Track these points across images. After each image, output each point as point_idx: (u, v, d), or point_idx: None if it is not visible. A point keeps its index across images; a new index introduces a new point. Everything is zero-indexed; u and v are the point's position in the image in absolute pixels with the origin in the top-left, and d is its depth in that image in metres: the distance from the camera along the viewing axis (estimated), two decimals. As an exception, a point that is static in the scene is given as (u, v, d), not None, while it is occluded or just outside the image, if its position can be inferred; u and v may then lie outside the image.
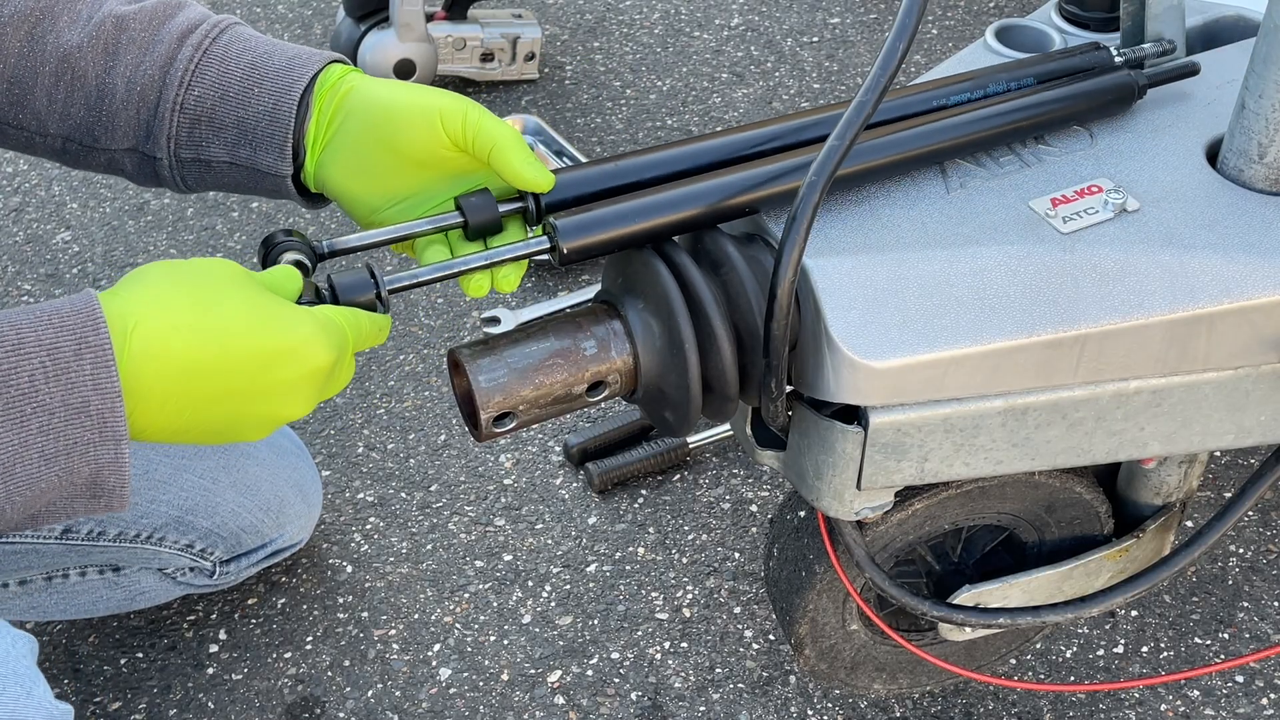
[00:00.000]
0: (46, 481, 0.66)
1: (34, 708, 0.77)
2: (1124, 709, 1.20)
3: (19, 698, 0.76)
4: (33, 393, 0.64)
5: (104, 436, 0.66)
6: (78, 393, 0.64)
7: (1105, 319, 0.80)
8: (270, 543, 1.24)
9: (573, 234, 0.78)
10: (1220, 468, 1.42)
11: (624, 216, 0.80)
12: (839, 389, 0.80)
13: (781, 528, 1.12)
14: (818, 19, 2.23)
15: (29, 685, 0.77)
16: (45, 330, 0.65)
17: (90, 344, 0.65)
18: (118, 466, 0.67)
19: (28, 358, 0.64)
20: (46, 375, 0.64)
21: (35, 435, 0.64)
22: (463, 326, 1.63)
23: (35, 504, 0.67)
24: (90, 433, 0.65)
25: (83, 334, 0.65)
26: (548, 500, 1.41)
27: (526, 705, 1.22)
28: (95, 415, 0.65)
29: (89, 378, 0.65)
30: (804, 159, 0.83)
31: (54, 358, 0.64)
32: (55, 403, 0.64)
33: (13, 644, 0.78)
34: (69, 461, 0.66)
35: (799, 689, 1.22)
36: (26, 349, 0.64)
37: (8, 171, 1.93)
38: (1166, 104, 0.93)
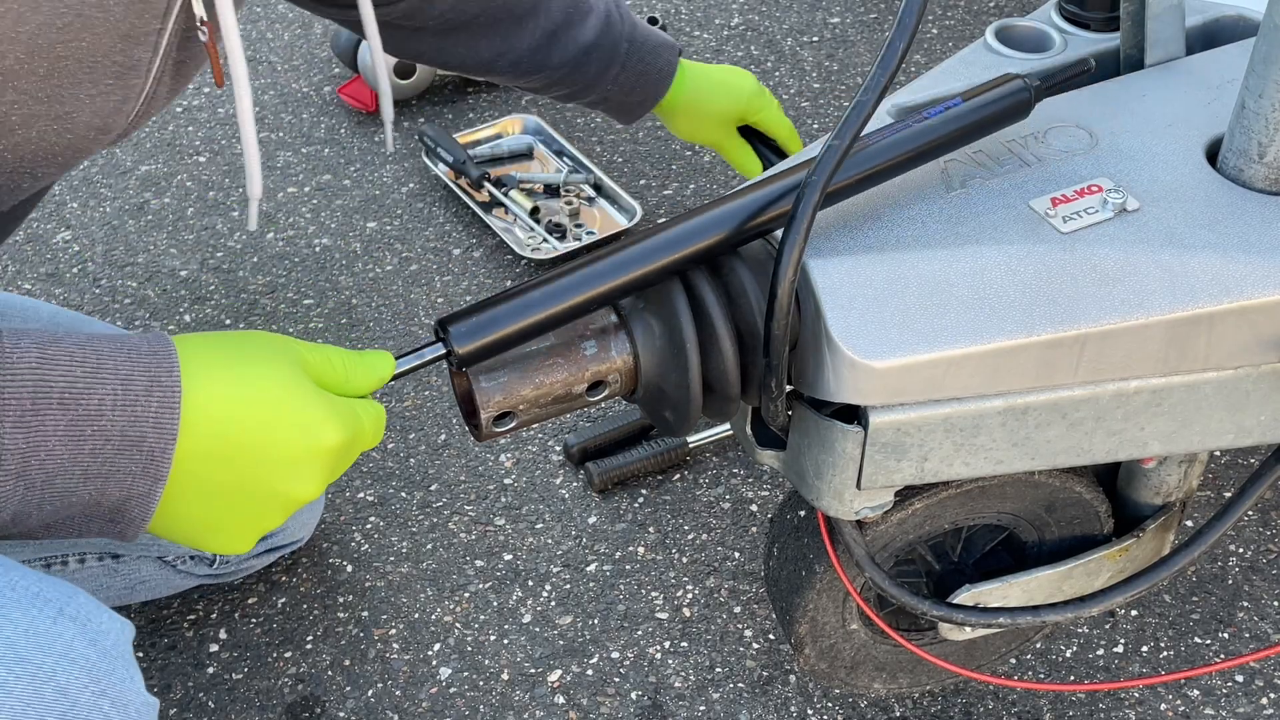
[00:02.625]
0: (78, 498, 0.68)
1: (135, 693, 0.78)
2: (1124, 708, 1.20)
3: (125, 680, 0.77)
4: (98, 416, 0.66)
5: (147, 472, 0.69)
6: (138, 427, 0.68)
7: (1105, 319, 0.81)
8: (271, 536, 1.24)
9: (468, 337, 0.76)
10: (1220, 468, 1.42)
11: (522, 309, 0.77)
12: (839, 389, 0.81)
13: (781, 527, 1.12)
14: (818, 19, 2.23)
15: (132, 670, 0.79)
16: (123, 361, 0.68)
17: (162, 384, 0.68)
18: (147, 500, 0.70)
19: (103, 382, 0.67)
20: (115, 403, 0.67)
21: (86, 455, 0.67)
22: (463, 326, 1.63)
23: (58, 515, 0.69)
24: (136, 465, 0.68)
25: (157, 374, 0.68)
26: (548, 500, 1.42)
27: (526, 705, 1.22)
28: (147, 451, 0.68)
29: (153, 415, 0.68)
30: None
31: (126, 388, 0.67)
32: (115, 431, 0.67)
33: (121, 628, 0.79)
34: (105, 485, 0.68)
35: (799, 688, 1.22)
36: (104, 374, 0.67)
37: (8, 171, 1.93)
38: (1166, 104, 0.93)
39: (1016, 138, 0.91)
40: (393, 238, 1.77)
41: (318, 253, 1.75)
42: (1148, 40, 0.97)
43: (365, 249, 1.76)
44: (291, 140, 1.97)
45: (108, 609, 0.79)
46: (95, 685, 0.74)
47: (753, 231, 0.81)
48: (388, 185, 1.87)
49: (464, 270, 1.71)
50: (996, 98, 0.87)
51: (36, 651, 0.73)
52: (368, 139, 1.97)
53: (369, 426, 0.77)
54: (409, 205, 1.83)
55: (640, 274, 0.79)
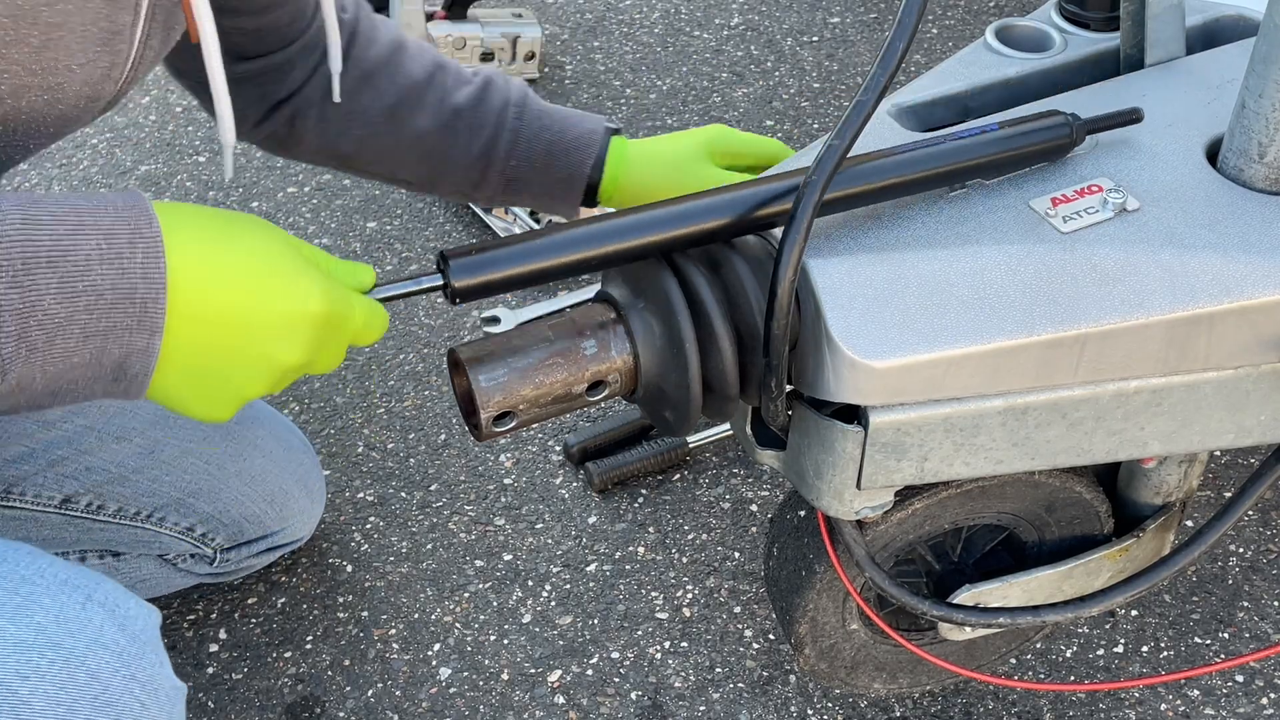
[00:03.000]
0: (79, 358, 0.68)
1: (166, 676, 0.80)
2: (1124, 708, 1.20)
3: (154, 664, 0.78)
4: (86, 271, 0.66)
5: (142, 325, 0.68)
6: (127, 279, 0.67)
7: (1105, 319, 0.81)
8: (272, 534, 1.24)
9: (467, 272, 0.76)
10: (1220, 468, 1.42)
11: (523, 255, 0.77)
12: (839, 389, 0.80)
13: (781, 527, 1.12)
14: (818, 18, 2.23)
15: (161, 655, 0.80)
16: (103, 216, 0.67)
17: (144, 235, 0.68)
18: (146, 355, 0.69)
19: (87, 237, 0.66)
20: (101, 257, 0.66)
21: (80, 312, 0.66)
22: (463, 326, 1.63)
23: (61, 379, 0.68)
24: (131, 319, 0.68)
25: (138, 225, 0.68)
26: (548, 500, 1.42)
27: (526, 705, 1.22)
28: (139, 303, 0.68)
29: (139, 266, 0.67)
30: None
31: (110, 241, 0.67)
32: (105, 284, 0.66)
33: (149, 615, 0.80)
34: (104, 342, 0.68)
35: (799, 688, 1.22)
36: (85, 229, 0.66)
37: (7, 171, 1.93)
38: (1166, 104, 0.93)
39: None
40: (393, 238, 1.77)
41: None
42: (1148, 40, 0.97)
43: (365, 249, 1.76)
44: (291, 140, 1.97)
45: (134, 595, 0.81)
46: (126, 669, 0.76)
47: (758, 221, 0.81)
48: (388, 185, 1.87)
49: (464, 270, 1.71)
50: (1035, 130, 0.86)
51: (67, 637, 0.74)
52: (368, 139, 1.97)
53: (359, 314, 0.76)
54: (409, 205, 1.83)
55: (642, 242, 0.79)
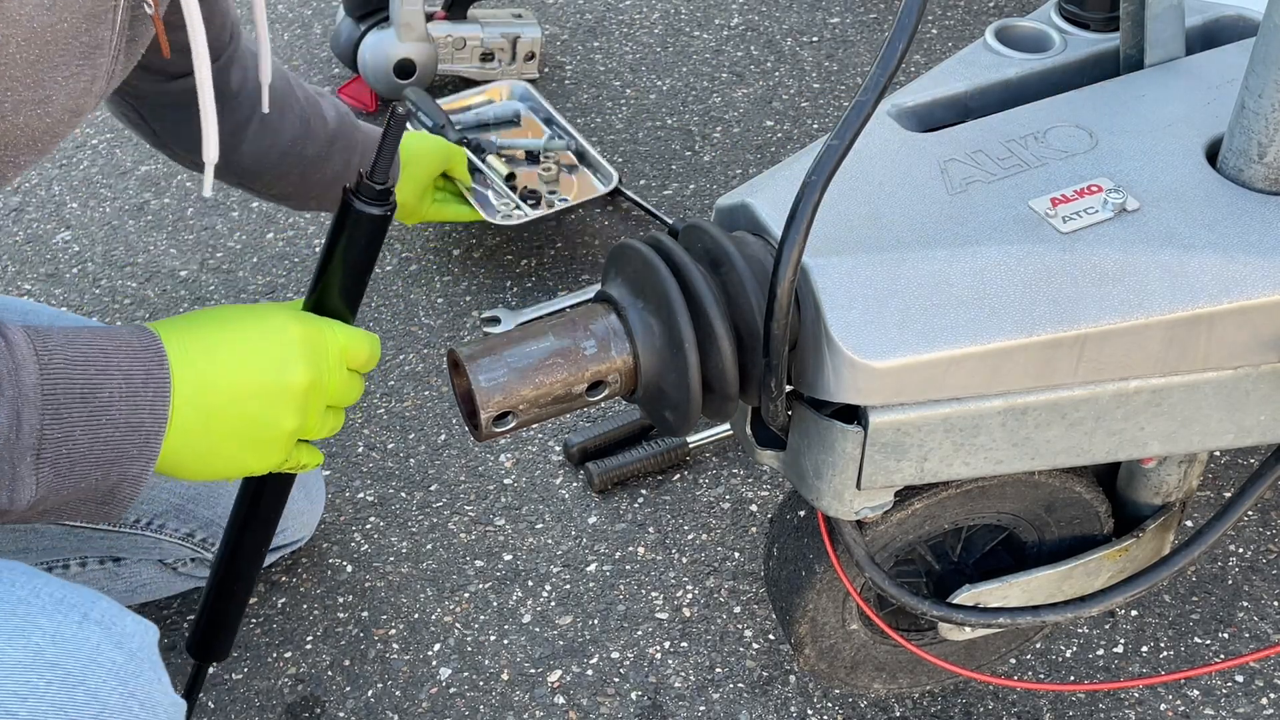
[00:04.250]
0: (88, 483, 0.75)
1: (163, 693, 0.80)
2: (1124, 709, 1.20)
3: (152, 681, 0.79)
4: (109, 407, 0.74)
5: (142, 454, 0.76)
6: (138, 414, 0.76)
7: (1105, 319, 0.81)
8: (271, 537, 1.24)
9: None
10: (1220, 468, 1.42)
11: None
12: (839, 389, 0.80)
13: (781, 527, 1.12)
14: (818, 19, 2.23)
15: (159, 672, 0.81)
16: (124, 357, 0.76)
17: (155, 376, 0.77)
18: (137, 482, 0.77)
19: (110, 377, 0.75)
20: (121, 395, 0.75)
21: (100, 443, 0.74)
22: (462, 326, 1.63)
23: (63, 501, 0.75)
24: (135, 448, 0.76)
25: (150, 367, 0.77)
26: (548, 500, 1.42)
27: (526, 705, 1.22)
28: (143, 435, 0.76)
29: (149, 403, 0.76)
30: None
31: (129, 382, 0.76)
32: (121, 419, 0.75)
33: (146, 631, 0.81)
34: (109, 470, 0.75)
35: (799, 688, 1.22)
36: (110, 370, 0.75)
37: (8, 171, 1.93)
38: (1166, 104, 0.93)
39: (1016, 138, 0.91)
40: (393, 238, 1.77)
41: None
42: (1148, 40, 0.97)
43: (365, 249, 1.76)
44: (291, 140, 1.97)
45: (130, 612, 0.81)
46: (124, 687, 0.77)
47: None
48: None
49: (464, 270, 1.71)
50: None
51: (65, 656, 0.75)
52: (368, 139, 1.97)
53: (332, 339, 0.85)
54: (409, 205, 1.83)
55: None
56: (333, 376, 0.85)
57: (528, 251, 1.74)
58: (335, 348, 0.86)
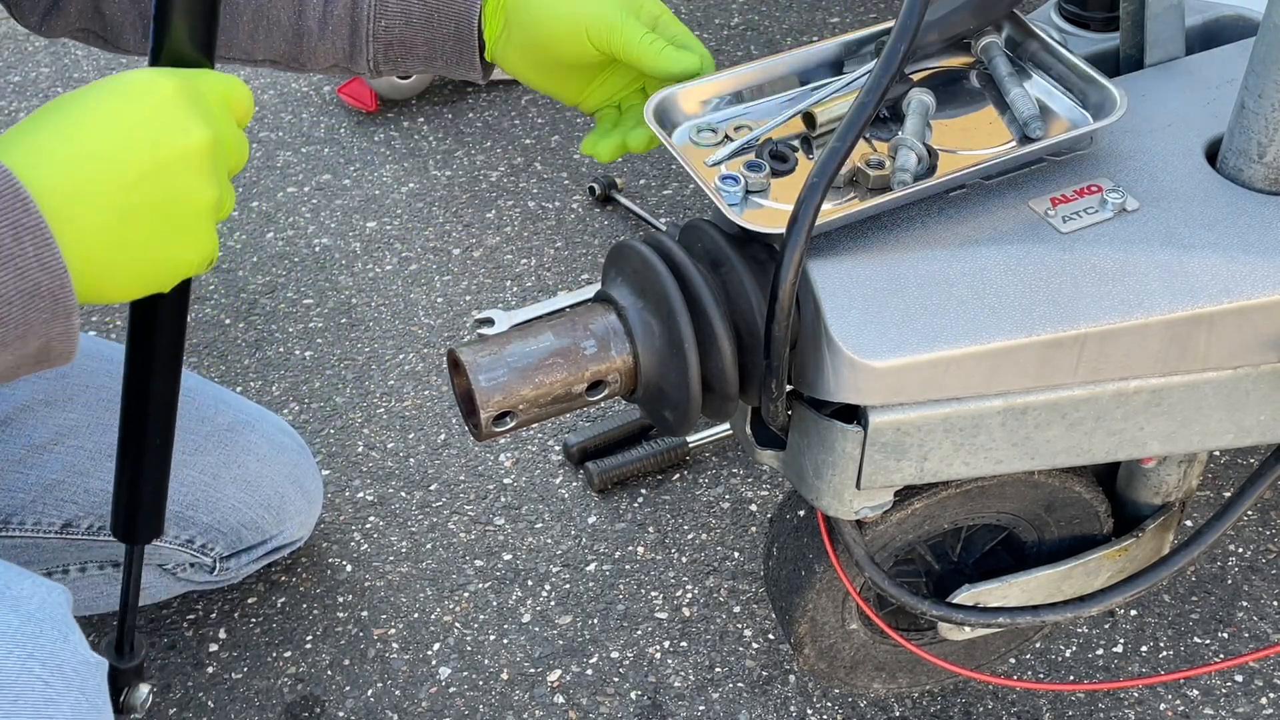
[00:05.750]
0: (2, 363, 0.66)
1: (70, 652, 0.77)
2: (1123, 708, 1.20)
3: (55, 641, 0.76)
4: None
5: (56, 314, 0.66)
6: (28, 277, 0.64)
7: (1105, 319, 0.81)
8: (271, 539, 1.24)
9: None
10: (1220, 467, 1.42)
11: None
12: (839, 388, 0.81)
13: (781, 527, 1.12)
14: (818, 19, 2.23)
15: (65, 631, 0.78)
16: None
17: (25, 226, 0.64)
18: (66, 335, 0.68)
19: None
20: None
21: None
22: (462, 326, 1.63)
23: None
24: (44, 313, 0.66)
25: (15, 217, 0.64)
26: (547, 500, 1.42)
27: (526, 704, 1.22)
28: (48, 295, 0.65)
29: (34, 260, 0.64)
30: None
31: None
32: (10, 291, 0.64)
33: (48, 592, 0.79)
34: (24, 342, 0.66)
35: (798, 688, 1.22)
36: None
37: (7, 171, 1.93)
38: (1166, 103, 0.93)
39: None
40: (392, 237, 1.77)
41: (317, 252, 1.75)
42: (1147, 40, 0.97)
43: (365, 249, 1.76)
44: (291, 140, 1.97)
45: (33, 576, 0.78)
46: (20, 650, 0.74)
47: None
48: (387, 185, 1.87)
49: (464, 270, 1.71)
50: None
51: None
52: (367, 139, 1.97)
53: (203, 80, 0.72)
54: (409, 205, 1.83)
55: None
56: (225, 130, 0.73)
57: (527, 252, 1.74)
58: (215, 97, 0.73)
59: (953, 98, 0.92)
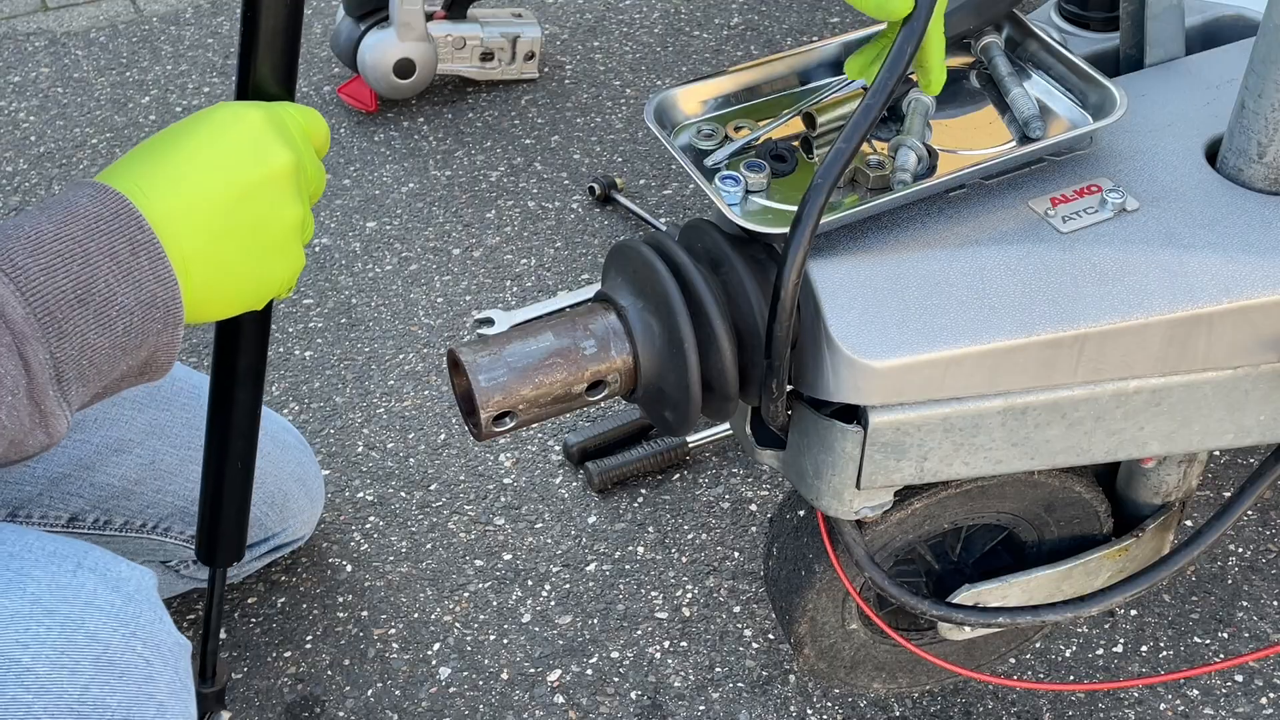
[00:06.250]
0: (120, 371, 0.72)
1: (165, 632, 0.81)
2: (1123, 708, 1.20)
3: (153, 621, 0.80)
4: (110, 297, 0.69)
5: (167, 324, 0.72)
6: (145, 289, 0.70)
7: (1105, 319, 0.81)
8: (273, 536, 1.24)
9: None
10: (1220, 467, 1.42)
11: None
12: (839, 388, 0.81)
13: (781, 527, 1.12)
14: (818, 19, 2.23)
15: (160, 612, 0.81)
16: (101, 238, 0.69)
17: (140, 243, 0.70)
18: (171, 346, 0.73)
19: (97, 267, 0.69)
20: (116, 279, 0.69)
21: (121, 336, 0.70)
22: (462, 326, 1.63)
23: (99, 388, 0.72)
24: (158, 323, 0.71)
25: (131, 234, 0.70)
26: (547, 500, 1.42)
27: (526, 704, 1.22)
28: (162, 306, 0.71)
29: (150, 274, 0.70)
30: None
31: (116, 261, 0.69)
32: (131, 303, 0.70)
33: (143, 576, 0.81)
34: (139, 351, 0.72)
35: (798, 688, 1.22)
36: (93, 259, 0.69)
37: (7, 171, 1.93)
38: (1166, 104, 0.93)
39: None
40: (392, 238, 1.77)
41: (317, 252, 1.75)
42: (1147, 40, 0.97)
43: (365, 249, 1.76)
44: (291, 140, 1.97)
45: (125, 559, 0.82)
46: (125, 628, 0.77)
47: None
48: (388, 185, 1.87)
49: (464, 270, 1.71)
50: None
51: (62, 603, 0.75)
52: (368, 139, 1.97)
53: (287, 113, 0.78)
54: (409, 205, 1.83)
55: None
56: (307, 156, 0.79)
57: (527, 252, 1.74)
58: (297, 126, 0.79)
59: (953, 98, 0.92)
